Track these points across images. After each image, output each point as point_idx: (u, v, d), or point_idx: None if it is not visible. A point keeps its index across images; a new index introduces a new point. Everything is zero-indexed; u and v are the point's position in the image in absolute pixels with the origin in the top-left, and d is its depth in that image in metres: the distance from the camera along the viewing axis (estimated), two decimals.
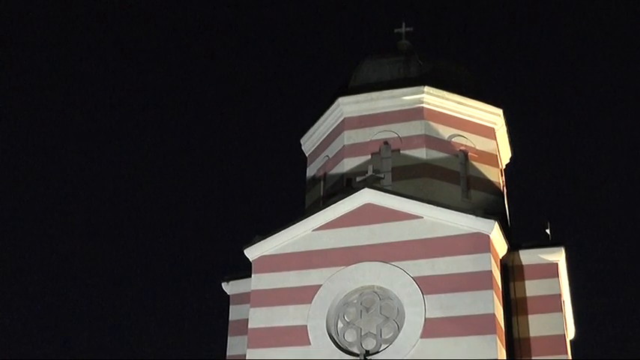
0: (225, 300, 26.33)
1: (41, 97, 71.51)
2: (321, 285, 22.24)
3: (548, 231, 24.06)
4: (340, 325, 21.99)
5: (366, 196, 22.85)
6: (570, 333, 27.57)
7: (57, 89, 73.07)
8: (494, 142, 27.60)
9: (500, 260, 22.47)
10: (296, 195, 30.58)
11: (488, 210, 23.39)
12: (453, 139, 26.38)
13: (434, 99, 26.55)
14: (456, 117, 26.82)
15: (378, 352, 21.06)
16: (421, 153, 25.69)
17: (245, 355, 22.38)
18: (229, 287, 26.23)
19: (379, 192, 22.82)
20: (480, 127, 27.27)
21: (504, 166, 29.39)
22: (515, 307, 22.57)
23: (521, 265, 23.07)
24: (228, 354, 25.19)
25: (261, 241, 23.46)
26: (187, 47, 79.06)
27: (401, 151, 25.93)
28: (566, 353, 22.86)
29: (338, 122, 27.53)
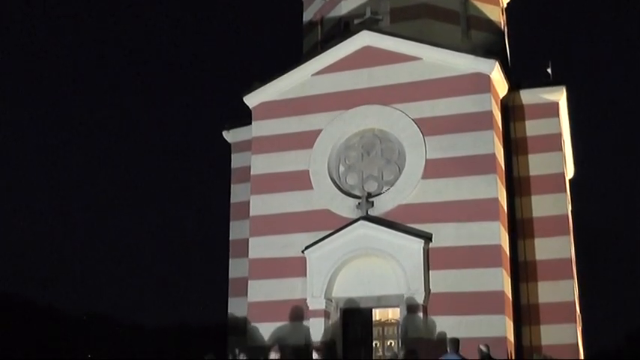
0: (226, 148, 26.43)
1: None
2: (321, 129, 22.25)
3: (549, 70, 23.75)
4: (342, 168, 22.17)
5: (365, 39, 22.47)
6: (569, 172, 27.83)
7: None
8: None
9: (501, 100, 22.33)
10: (293, 40, 30.10)
11: (489, 50, 23.04)
12: None
13: None
14: None
15: (379, 194, 21.32)
16: None
17: (249, 203, 22.69)
18: (230, 135, 26.24)
19: (377, 34, 22.42)
20: None
21: (505, 5, 28.69)
22: (515, 146, 22.61)
23: (522, 105, 22.92)
24: (232, 201, 25.50)
25: (261, 88, 23.30)
26: None
27: None
28: (565, 191, 23.15)
29: None
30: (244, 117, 24.47)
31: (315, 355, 16.40)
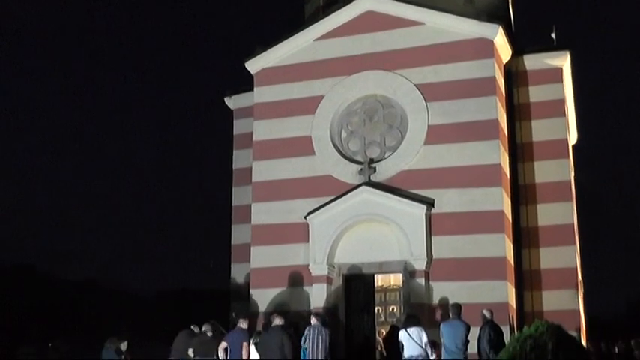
0: (228, 114, 26.34)
1: None
2: (323, 95, 22.16)
3: (553, 35, 23.59)
4: (344, 134, 22.12)
5: (367, 4, 22.29)
6: (573, 138, 27.75)
7: None
8: None
9: (504, 65, 22.19)
10: (295, 5, 29.84)
11: (493, 14, 22.79)
12: None
13: None
14: None
15: (382, 160, 21.29)
16: None
17: (251, 169, 22.66)
18: (232, 101, 26.13)
19: None
20: None
21: None
22: (518, 112, 22.52)
23: (525, 71, 22.76)
24: (234, 167, 25.47)
25: (262, 54, 23.16)
26: None
27: None
28: (568, 157, 23.12)
29: None
30: (246, 83, 24.36)
31: (313, 321, 16.43)
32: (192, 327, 18.22)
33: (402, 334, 16.03)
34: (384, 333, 19.09)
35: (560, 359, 11.17)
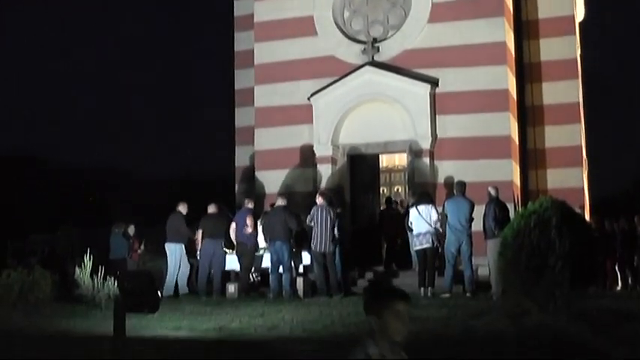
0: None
1: None
2: None
3: None
4: (346, 13, 21.72)
5: None
6: (580, 14, 27.22)
7: None
8: None
9: None
10: None
11: None
12: None
13: None
14: None
15: (385, 39, 20.97)
16: None
17: (253, 51, 22.37)
18: None
19: None
20: None
21: None
22: None
23: None
24: (235, 49, 25.17)
25: None
26: None
27: None
28: (575, 34, 22.77)
29: None
30: None
31: (319, 200, 16.56)
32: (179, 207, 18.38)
33: (413, 212, 16.18)
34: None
35: (563, 234, 11.26)
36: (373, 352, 3.25)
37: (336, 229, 16.35)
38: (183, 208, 18.31)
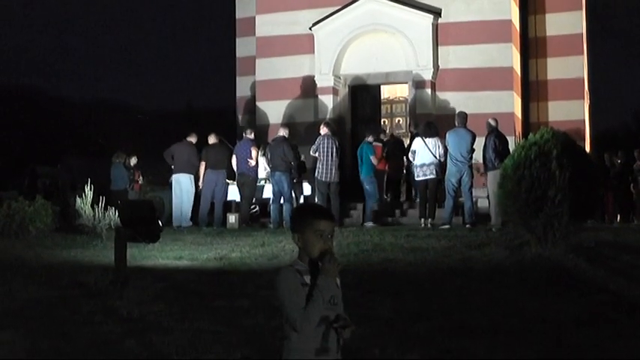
0: None
1: None
2: None
3: None
4: None
5: None
6: None
7: None
8: None
9: None
10: None
11: None
12: None
13: None
14: None
15: None
16: None
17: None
18: None
19: None
20: None
21: None
22: None
23: None
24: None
25: None
26: None
27: None
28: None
29: None
30: None
31: (323, 130, 16.50)
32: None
33: (418, 142, 16.07)
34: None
35: (564, 166, 11.23)
36: (297, 266, 3.50)
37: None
38: (193, 138, 17.91)
